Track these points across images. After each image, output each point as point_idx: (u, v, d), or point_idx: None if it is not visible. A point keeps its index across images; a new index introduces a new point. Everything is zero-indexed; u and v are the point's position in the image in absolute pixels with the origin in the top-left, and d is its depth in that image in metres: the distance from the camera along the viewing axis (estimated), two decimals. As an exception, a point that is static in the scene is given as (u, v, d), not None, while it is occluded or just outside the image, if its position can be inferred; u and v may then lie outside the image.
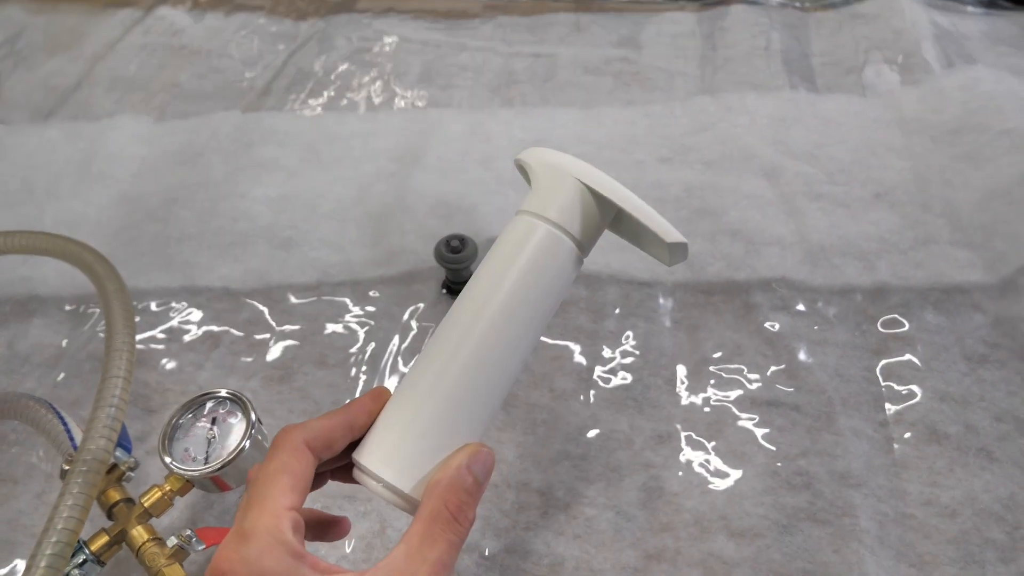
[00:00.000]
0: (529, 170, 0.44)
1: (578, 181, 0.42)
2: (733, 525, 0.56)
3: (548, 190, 0.42)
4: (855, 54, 1.02)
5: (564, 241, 0.41)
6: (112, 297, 0.59)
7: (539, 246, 0.40)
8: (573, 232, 0.41)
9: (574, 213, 0.41)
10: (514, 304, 0.40)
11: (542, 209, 0.41)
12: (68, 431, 0.56)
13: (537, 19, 1.13)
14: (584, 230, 0.42)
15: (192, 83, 1.03)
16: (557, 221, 0.41)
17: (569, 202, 0.41)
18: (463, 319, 0.40)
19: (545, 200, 0.41)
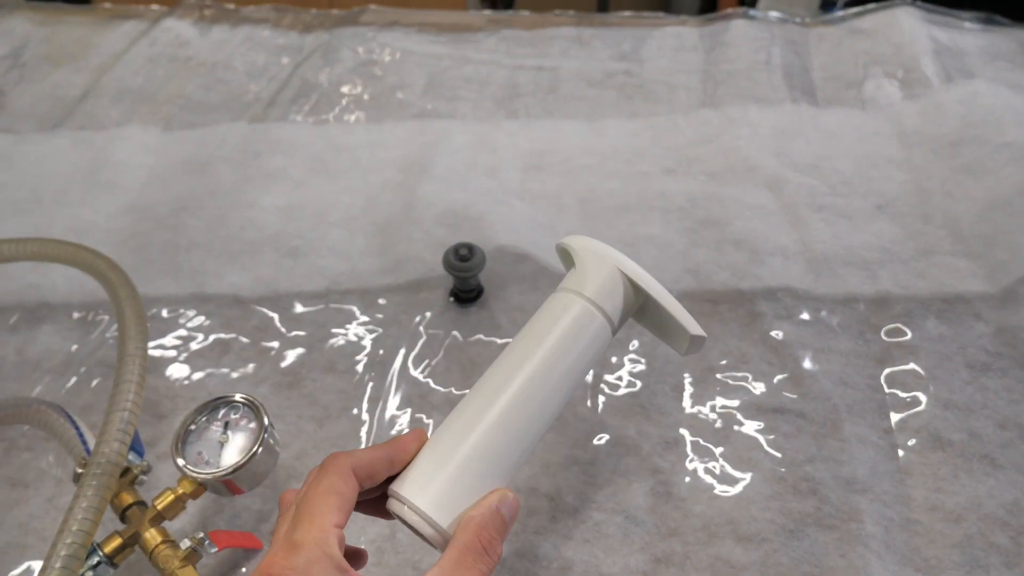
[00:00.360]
0: (573, 253, 0.49)
1: (616, 268, 0.47)
2: (740, 530, 0.57)
3: (588, 272, 0.47)
4: (855, 69, 1.04)
5: (597, 317, 0.46)
6: (125, 303, 0.60)
7: (576, 319, 0.46)
8: (606, 309, 0.46)
9: (609, 294, 0.46)
10: (548, 367, 0.44)
11: (580, 287, 0.46)
12: (81, 436, 0.57)
13: (539, 33, 1.15)
14: (615, 309, 0.47)
15: (198, 94, 1.04)
16: (593, 299, 0.46)
17: (605, 284, 0.47)
18: (503, 374, 0.44)
19: (584, 280, 0.47)
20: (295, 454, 0.62)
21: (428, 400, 0.66)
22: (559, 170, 0.88)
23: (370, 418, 0.65)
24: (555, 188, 0.86)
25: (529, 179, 0.87)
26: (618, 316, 0.47)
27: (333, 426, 0.64)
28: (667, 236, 0.79)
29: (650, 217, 0.81)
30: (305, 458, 0.62)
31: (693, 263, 0.76)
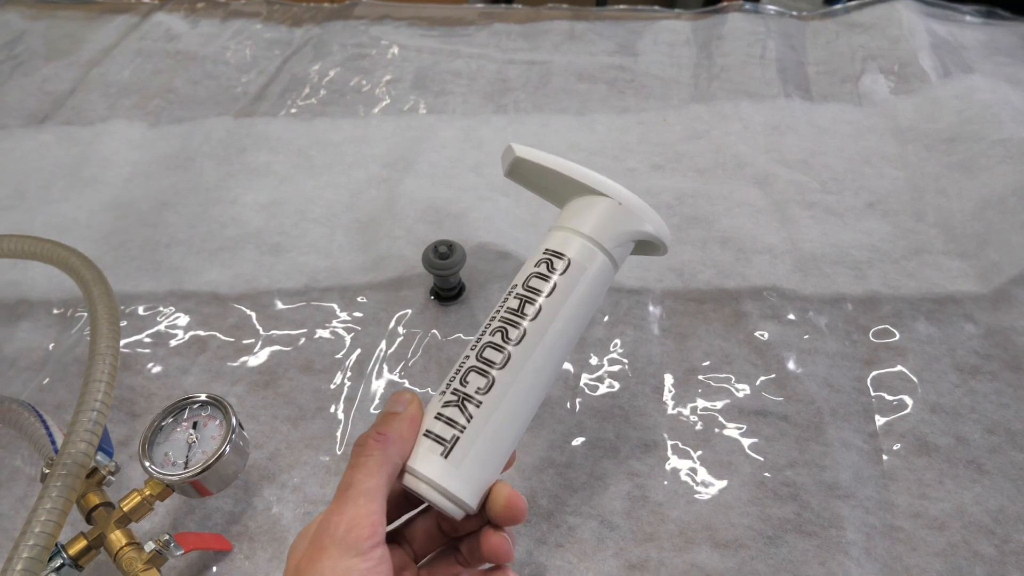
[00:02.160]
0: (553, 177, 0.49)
1: (610, 200, 0.47)
2: (718, 536, 0.55)
3: (589, 211, 0.47)
4: (851, 63, 1.02)
5: (611, 268, 0.46)
6: (98, 301, 0.59)
7: (598, 277, 0.46)
8: (617, 258, 0.47)
9: (613, 234, 0.46)
10: (567, 336, 0.44)
11: (599, 235, 0.46)
12: (50, 434, 0.56)
13: (532, 27, 1.13)
14: (617, 245, 0.47)
15: (187, 88, 1.03)
16: (610, 250, 0.46)
17: (612, 224, 0.46)
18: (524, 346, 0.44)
19: (589, 223, 0.46)
20: (268, 454, 0.62)
21: (405, 400, 0.65)
22: (546, 166, 0.87)
23: (345, 418, 0.64)
24: (541, 184, 0.85)
25: (515, 175, 0.86)
26: (620, 251, 0.47)
27: (308, 426, 0.63)
28: (653, 234, 0.78)
29: (636, 214, 0.80)
30: (278, 458, 0.61)
31: (678, 261, 0.75)
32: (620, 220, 0.46)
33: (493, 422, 0.42)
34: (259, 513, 0.58)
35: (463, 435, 0.41)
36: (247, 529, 0.57)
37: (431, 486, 0.41)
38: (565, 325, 0.44)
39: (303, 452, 0.62)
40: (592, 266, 0.45)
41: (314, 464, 0.61)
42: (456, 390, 0.42)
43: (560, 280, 0.44)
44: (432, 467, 0.41)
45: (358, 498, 0.38)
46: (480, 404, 0.42)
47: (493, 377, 0.42)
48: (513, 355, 0.42)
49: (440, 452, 0.41)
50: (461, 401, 0.42)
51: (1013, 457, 0.59)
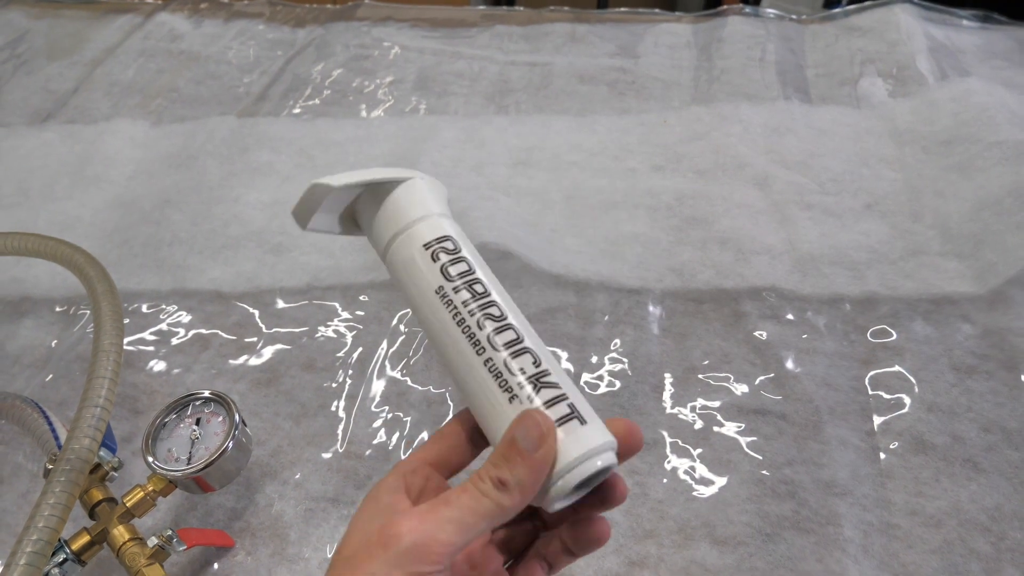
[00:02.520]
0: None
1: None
2: (717, 533, 0.56)
3: (420, 195, 0.43)
4: (850, 66, 1.02)
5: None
6: (101, 298, 0.59)
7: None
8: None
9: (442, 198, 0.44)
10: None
11: (440, 207, 0.43)
12: (53, 430, 0.57)
13: (534, 28, 1.14)
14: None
15: (190, 88, 1.04)
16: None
17: (436, 192, 0.43)
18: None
19: (429, 202, 0.42)
20: (270, 451, 0.62)
21: (406, 398, 0.65)
22: (547, 166, 0.88)
23: (347, 416, 0.64)
24: (542, 184, 0.85)
25: (516, 175, 0.87)
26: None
27: (310, 423, 0.64)
28: (652, 234, 0.78)
29: (636, 214, 0.81)
30: (280, 455, 0.62)
31: (678, 261, 0.75)
32: (437, 188, 0.45)
33: (558, 370, 0.39)
34: (261, 510, 0.58)
35: (569, 395, 0.38)
36: (249, 525, 0.58)
37: (593, 458, 0.37)
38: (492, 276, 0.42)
39: (305, 449, 0.62)
40: (458, 228, 0.43)
41: (316, 461, 0.61)
42: (524, 380, 0.38)
43: (465, 252, 0.42)
44: (582, 442, 0.37)
45: (446, 524, 0.34)
46: (548, 370, 0.39)
47: (526, 346, 0.39)
48: (514, 323, 0.40)
49: (576, 423, 0.37)
50: (537, 379, 0.38)
51: (1008, 455, 0.60)
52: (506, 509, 0.35)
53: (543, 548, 0.44)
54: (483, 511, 0.34)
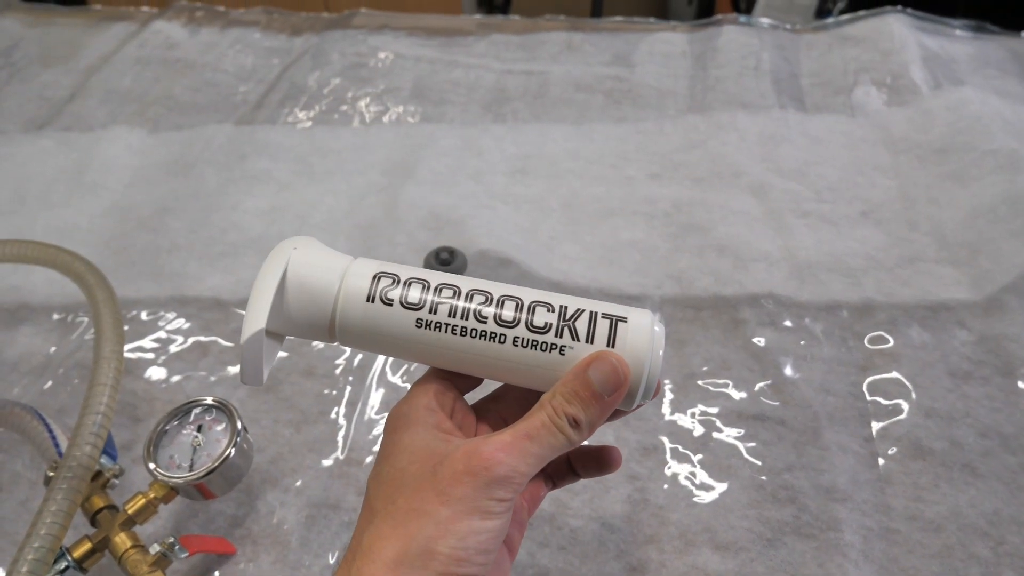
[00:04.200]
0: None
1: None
2: (718, 538, 0.56)
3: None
4: (844, 75, 1.03)
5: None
6: (102, 306, 0.59)
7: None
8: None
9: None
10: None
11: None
12: (53, 438, 0.56)
13: (530, 37, 1.15)
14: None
15: (186, 96, 1.04)
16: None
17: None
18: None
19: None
20: (270, 458, 0.62)
21: (407, 405, 0.65)
22: (544, 174, 0.88)
23: (347, 423, 0.64)
24: (540, 192, 0.85)
25: (514, 183, 0.87)
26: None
27: (310, 430, 0.64)
28: (650, 241, 0.79)
29: (634, 222, 0.81)
30: (280, 462, 0.62)
31: (676, 269, 0.76)
32: (315, 243, 0.42)
33: (564, 296, 0.39)
34: (262, 517, 0.58)
35: (594, 307, 0.38)
36: (250, 532, 0.58)
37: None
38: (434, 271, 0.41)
39: (306, 456, 0.62)
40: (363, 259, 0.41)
41: (316, 468, 0.61)
42: (555, 328, 0.37)
43: (401, 271, 0.39)
44: (640, 336, 0.37)
45: (529, 457, 0.35)
46: (564, 304, 0.38)
47: (532, 301, 0.38)
48: (499, 290, 0.38)
49: (620, 324, 0.37)
50: (565, 319, 0.37)
51: (1006, 460, 0.60)
52: (574, 445, 0.37)
53: (550, 467, 0.45)
54: (557, 445, 0.36)
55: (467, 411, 0.42)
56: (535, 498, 0.45)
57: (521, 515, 0.44)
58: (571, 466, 0.45)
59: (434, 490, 0.34)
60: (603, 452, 0.44)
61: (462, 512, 0.34)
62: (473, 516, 0.34)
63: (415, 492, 0.35)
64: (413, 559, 0.33)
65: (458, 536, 0.34)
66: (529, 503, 0.45)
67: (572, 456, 0.45)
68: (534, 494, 0.45)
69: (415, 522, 0.34)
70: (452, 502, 0.34)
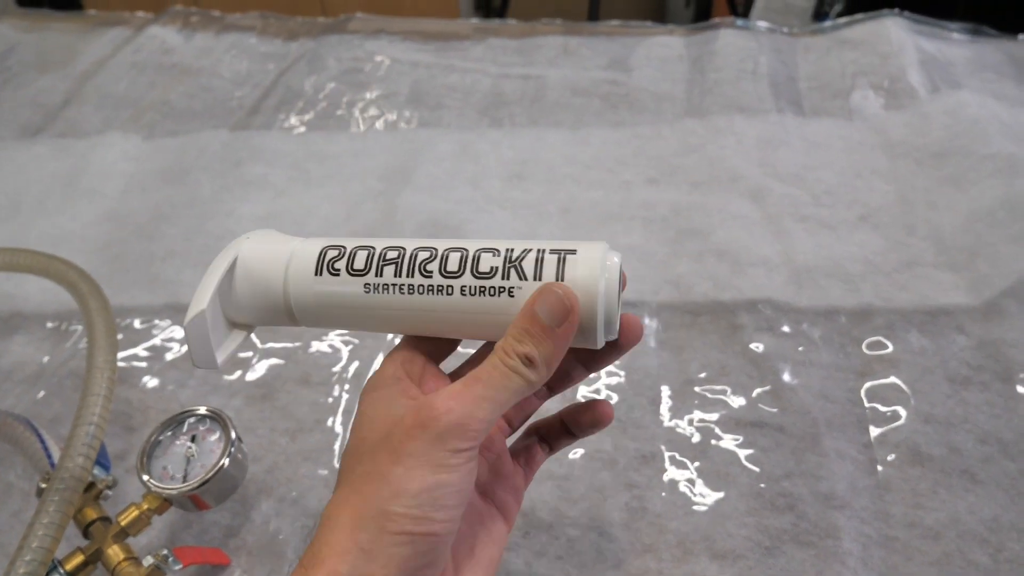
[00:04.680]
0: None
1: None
2: (716, 546, 0.56)
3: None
4: (842, 79, 1.03)
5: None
6: (95, 315, 0.59)
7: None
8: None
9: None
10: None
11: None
12: (46, 449, 0.56)
13: (526, 41, 1.14)
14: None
15: (181, 102, 1.04)
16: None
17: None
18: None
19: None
20: (266, 468, 0.61)
21: (403, 413, 0.65)
22: (542, 179, 0.88)
23: (344, 431, 0.64)
24: (537, 197, 0.85)
25: (511, 188, 0.87)
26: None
27: (306, 439, 0.63)
28: (648, 246, 0.78)
29: (632, 227, 0.81)
30: (276, 472, 0.61)
31: (674, 274, 0.75)
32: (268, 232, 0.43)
33: (508, 239, 0.38)
34: (257, 527, 0.58)
35: (542, 245, 0.37)
36: (245, 543, 0.57)
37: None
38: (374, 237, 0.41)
39: (301, 465, 0.62)
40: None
41: (312, 478, 0.61)
42: (501, 271, 0.37)
43: (345, 242, 0.39)
44: (590, 267, 0.36)
45: (481, 401, 0.34)
46: (510, 246, 0.37)
47: (476, 248, 0.37)
48: (442, 244, 0.38)
49: (569, 257, 0.36)
50: (511, 261, 0.37)
51: (1005, 466, 0.60)
52: (534, 384, 0.36)
53: (543, 429, 0.46)
54: (514, 387, 0.35)
55: (439, 377, 0.41)
56: (531, 463, 0.45)
57: (516, 480, 0.44)
58: (565, 427, 0.45)
59: (387, 450, 0.34)
60: (593, 406, 0.44)
61: (415, 468, 0.33)
62: (427, 470, 0.33)
63: (371, 456, 0.35)
64: (369, 522, 0.33)
65: (411, 494, 0.33)
66: (525, 469, 0.45)
67: (564, 415, 0.45)
68: (529, 458, 0.45)
69: (370, 485, 0.34)
70: (404, 458, 0.33)
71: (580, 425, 0.45)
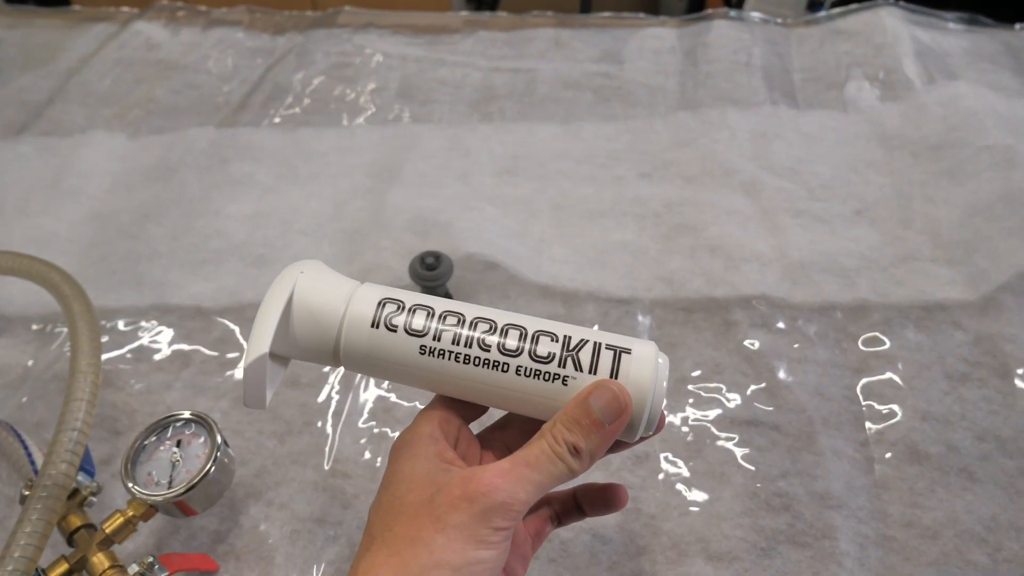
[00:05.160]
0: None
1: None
2: (711, 548, 0.55)
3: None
4: (836, 70, 1.02)
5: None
6: (78, 318, 0.58)
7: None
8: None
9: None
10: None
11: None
12: (29, 454, 0.55)
13: (517, 34, 1.13)
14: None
15: (167, 98, 1.02)
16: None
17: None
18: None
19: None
20: (254, 471, 0.61)
21: (392, 414, 0.64)
22: (533, 175, 0.87)
23: (333, 433, 0.63)
24: (528, 193, 0.84)
25: (502, 184, 0.85)
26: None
27: (295, 441, 0.62)
28: (641, 242, 0.77)
29: (624, 223, 0.80)
30: (265, 475, 0.60)
31: (667, 270, 0.74)
32: (322, 266, 0.42)
33: (567, 325, 0.39)
34: (246, 532, 0.57)
35: (599, 338, 0.38)
36: (233, 548, 0.56)
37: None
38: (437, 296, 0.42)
39: (290, 468, 0.61)
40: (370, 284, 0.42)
41: (301, 481, 0.60)
42: (559, 358, 0.37)
43: (405, 297, 0.40)
44: (642, 368, 0.37)
45: (527, 484, 0.35)
46: (568, 333, 0.38)
47: (536, 330, 0.38)
48: (503, 318, 0.39)
49: (624, 356, 0.37)
50: (568, 349, 0.37)
51: (1003, 464, 0.59)
52: (575, 473, 0.36)
53: (556, 503, 0.46)
54: (557, 473, 0.36)
55: (471, 440, 0.42)
56: (540, 534, 0.45)
57: (525, 549, 0.44)
58: (577, 504, 0.46)
59: (430, 517, 0.34)
60: (609, 490, 0.45)
61: (458, 540, 0.33)
62: (469, 545, 0.33)
63: (412, 520, 0.35)
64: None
65: (453, 567, 0.33)
66: (534, 538, 0.45)
67: (578, 493, 0.46)
68: (539, 530, 0.45)
69: (410, 550, 0.34)
70: (448, 529, 0.34)
71: (594, 506, 0.45)
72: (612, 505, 0.45)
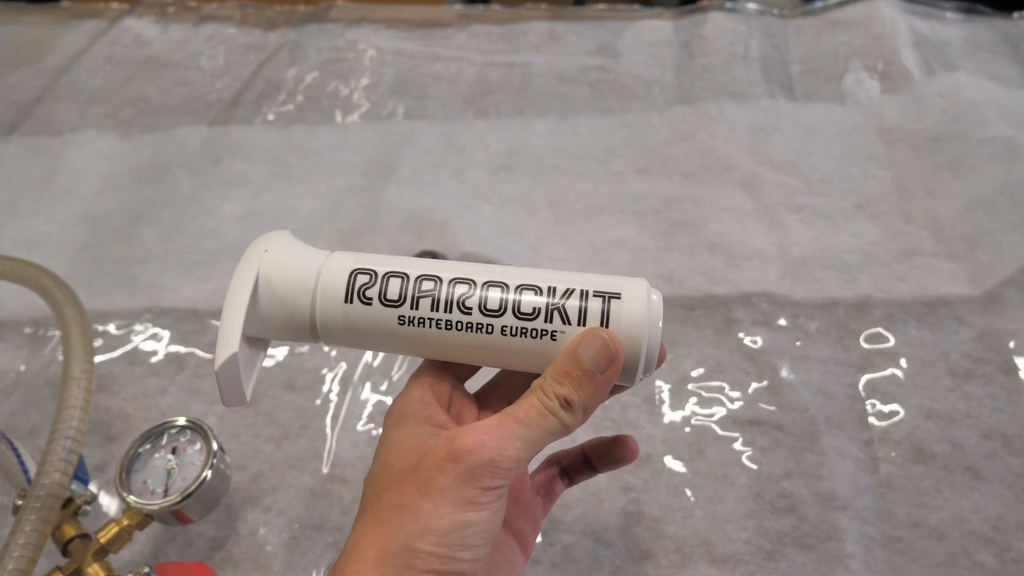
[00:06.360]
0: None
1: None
2: (715, 551, 0.54)
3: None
4: (834, 61, 1.01)
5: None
6: (71, 323, 0.57)
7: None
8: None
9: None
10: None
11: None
12: (22, 463, 0.54)
13: (511, 27, 1.12)
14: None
15: (159, 96, 1.01)
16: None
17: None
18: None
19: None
20: (251, 476, 0.60)
21: (391, 417, 0.63)
22: (529, 171, 0.86)
23: (330, 437, 0.62)
24: (524, 190, 0.83)
25: (498, 181, 0.84)
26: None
27: (292, 446, 0.62)
28: (640, 240, 0.77)
29: (622, 220, 0.79)
30: (261, 480, 0.59)
31: (667, 268, 0.74)
32: (287, 236, 0.41)
33: (551, 273, 0.37)
34: (243, 538, 0.56)
35: (586, 284, 0.36)
36: (231, 556, 0.55)
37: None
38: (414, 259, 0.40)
39: (287, 473, 0.60)
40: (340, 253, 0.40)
41: (299, 485, 0.59)
42: (544, 312, 0.35)
43: (378, 266, 0.38)
44: (634, 312, 0.35)
45: (516, 440, 0.33)
46: (552, 284, 0.36)
47: (519, 284, 0.36)
48: (483, 275, 0.37)
49: (614, 301, 0.36)
50: (555, 299, 0.36)
51: (1009, 463, 0.58)
52: (569, 428, 0.35)
53: (565, 461, 0.45)
54: (549, 428, 0.34)
55: (467, 400, 0.40)
56: (550, 494, 0.44)
57: (534, 510, 0.43)
58: (587, 460, 0.44)
59: (416, 483, 0.33)
60: (618, 442, 0.43)
61: (445, 504, 0.32)
62: (457, 508, 0.32)
63: (399, 487, 0.33)
64: (395, 558, 0.31)
65: (439, 532, 0.32)
66: (544, 499, 0.44)
67: (586, 449, 0.45)
68: (549, 490, 0.44)
69: (396, 519, 0.32)
70: (433, 494, 0.32)
71: (603, 461, 0.44)
72: (622, 459, 0.43)
